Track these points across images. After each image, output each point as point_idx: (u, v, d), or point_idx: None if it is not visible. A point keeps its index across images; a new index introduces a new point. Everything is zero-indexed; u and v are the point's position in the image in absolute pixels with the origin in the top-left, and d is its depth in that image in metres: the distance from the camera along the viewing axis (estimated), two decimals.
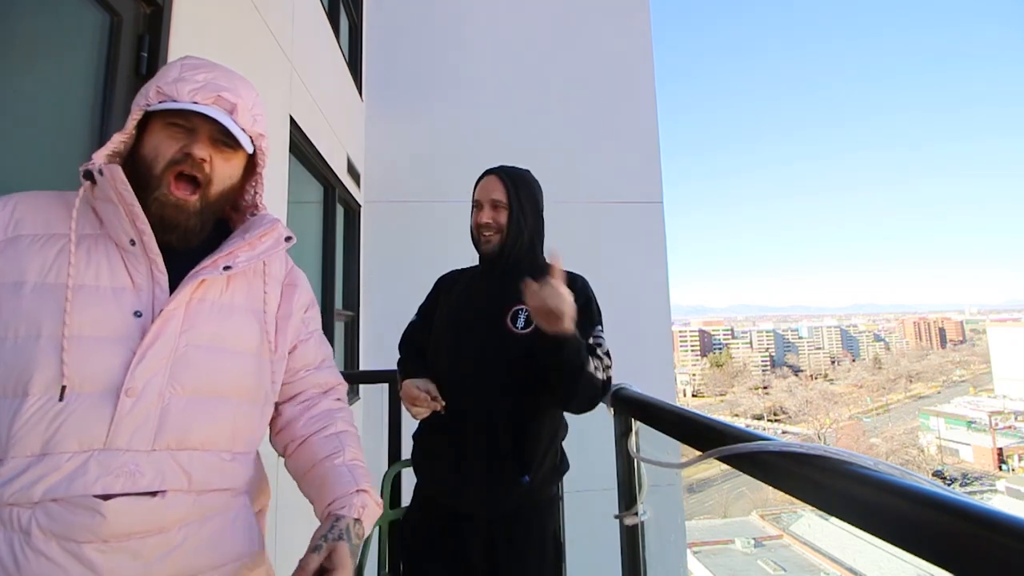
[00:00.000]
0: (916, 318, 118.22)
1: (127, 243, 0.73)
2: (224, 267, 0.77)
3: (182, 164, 0.75)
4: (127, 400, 0.68)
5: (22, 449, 0.65)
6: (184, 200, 0.75)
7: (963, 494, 0.44)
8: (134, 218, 0.72)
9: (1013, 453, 47.91)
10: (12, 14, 1.11)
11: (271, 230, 0.84)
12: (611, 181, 4.71)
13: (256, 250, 0.82)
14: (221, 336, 0.78)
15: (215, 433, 0.76)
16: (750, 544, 30.32)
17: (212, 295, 0.78)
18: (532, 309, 1.09)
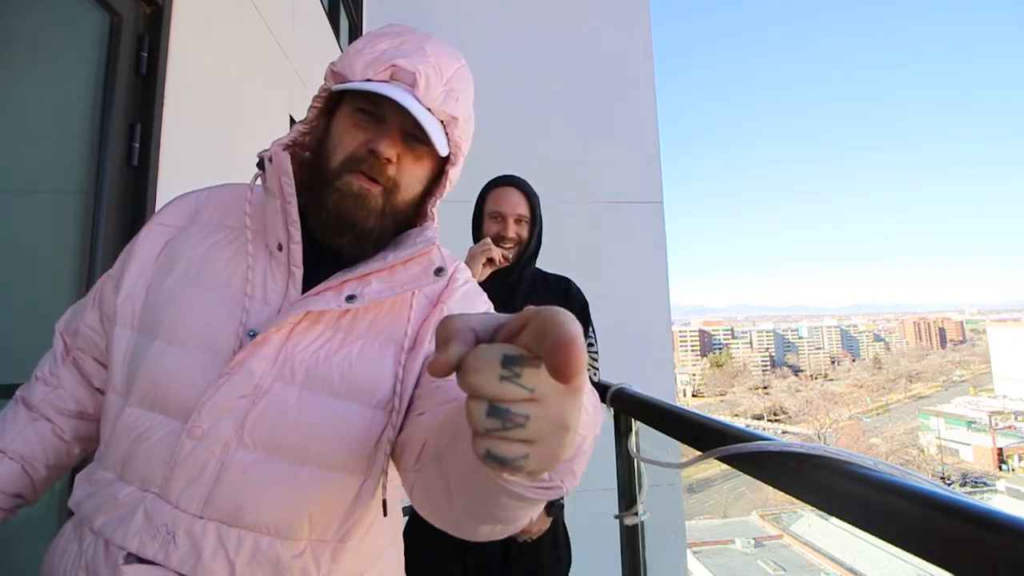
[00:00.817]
0: (916, 318, 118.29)
1: (275, 247, 0.61)
2: (348, 297, 0.59)
3: (363, 163, 0.59)
4: (188, 442, 0.55)
5: (111, 460, 0.58)
6: (368, 190, 0.60)
7: (963, 494, 0.44)
8: (287, 217, 0.60)
9: (1013, 453, 47.93)
10: (12, 14, 1.11)
11: (421, 254, 0.62)
12: (611, 181, 4.71)
13: (395, 279, 0.61)
14: (325, 376, 0.58)
15: (282, 512, 0.56)
16: (750, 544, 30.33)
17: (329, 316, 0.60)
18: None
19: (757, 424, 59.21)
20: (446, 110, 0.61)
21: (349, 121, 0.61)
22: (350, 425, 0.58)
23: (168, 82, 1.43)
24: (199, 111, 1.63)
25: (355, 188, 0.59)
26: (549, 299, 1.44)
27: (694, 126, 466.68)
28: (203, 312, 0.59)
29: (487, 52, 4.71)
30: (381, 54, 0.59)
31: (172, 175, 1.44)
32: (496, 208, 1.40)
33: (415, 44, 0.61)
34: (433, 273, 0.62)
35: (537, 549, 1.34)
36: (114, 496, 0.56)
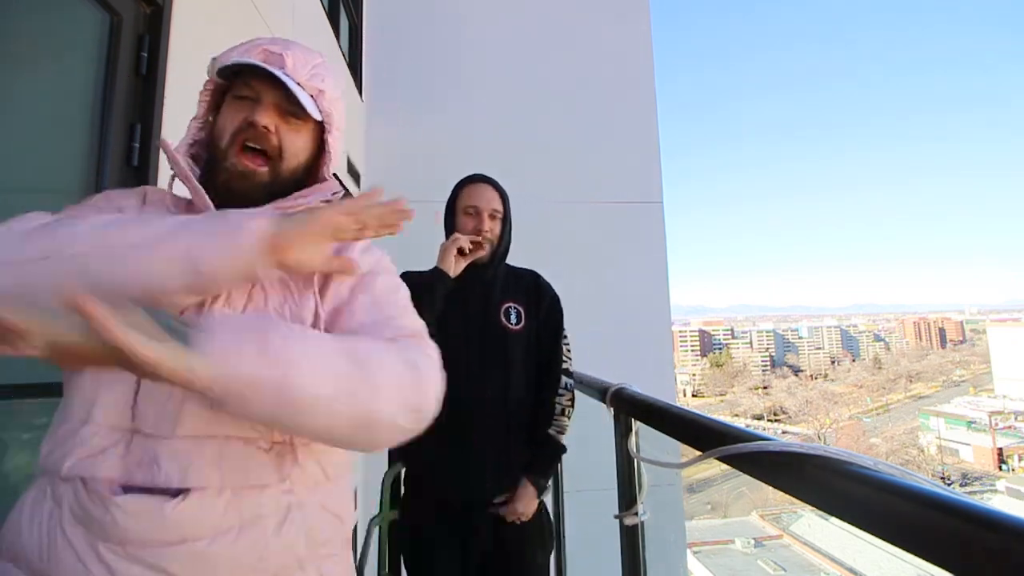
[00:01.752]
0: (916, 318, 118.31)
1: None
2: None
3: (245, 133, 0.69)
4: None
5: (76, 411, 0.60)
6: (252, 170, 0.69)
7: (963, 494, 0.44)
8: (193, 189, 0.68)
9: (1013, 453, 47.94)
10: (12, 14, 1.11)
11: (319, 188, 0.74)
12: (611, 181, 4.71)
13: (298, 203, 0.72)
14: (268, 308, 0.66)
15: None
16: (750, 544, 30.34)
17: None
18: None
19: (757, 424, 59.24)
20: (314, 84, 0.72)
21: (231, 107, 0.71)
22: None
23: (168, 82, 1.43)
24: None
25: (240, 167, 0.69)
26: (521, 291, 1.47)
27: (695, 126, 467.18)
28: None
29: (487, 52, 4.71)
30: (253, 44, 0.71)
31: (172, 175, 1.44)
32: (470, 203, 1.42)
33: (284, 42, 0.73)
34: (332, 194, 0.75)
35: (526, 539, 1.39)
36: (83, 440, 0.58)
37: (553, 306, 1.49)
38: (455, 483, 1.34)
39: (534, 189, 4.41)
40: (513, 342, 1.39)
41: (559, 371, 1.43)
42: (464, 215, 1.43)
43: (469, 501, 1.35)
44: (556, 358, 1.44)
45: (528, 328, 1.42)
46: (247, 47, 0.71)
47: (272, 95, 0.70)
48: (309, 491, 0.66)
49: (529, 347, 1.42)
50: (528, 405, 1.41)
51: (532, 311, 1.44)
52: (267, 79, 0.69)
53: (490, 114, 4.63)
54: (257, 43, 0.71)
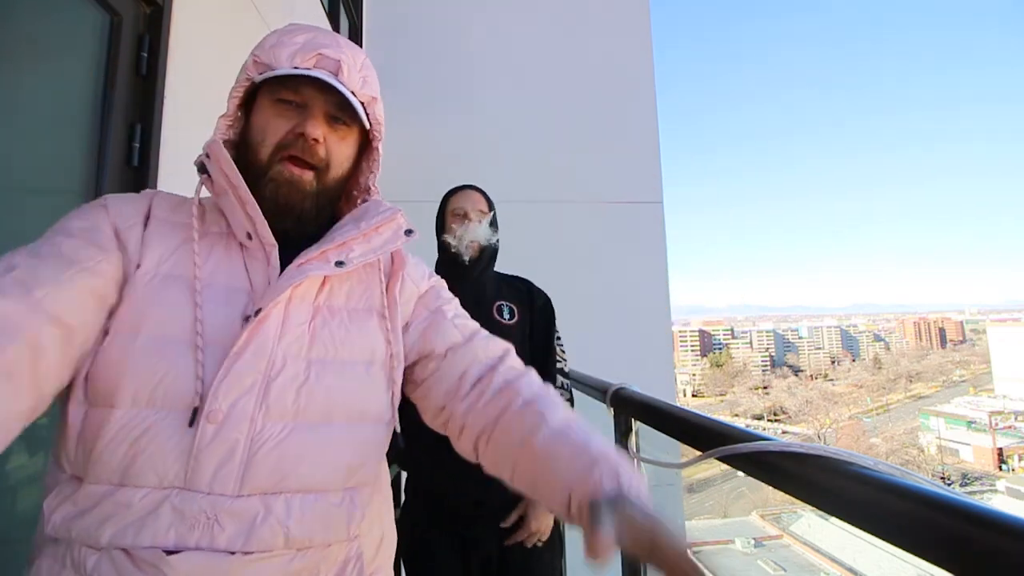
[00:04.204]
0: (916, 318, 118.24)
1: (245, 236, 0.63)
2: (336, 262, 0.64)
3: (293, 147, 0.64)
4: (208, 427, 0.54)
5: (105, 469, 0.53)
6: (299, 177, 0.64)
7: (963, 494, 0.44)
8: (244, 202, 0.62)
9: (1013, 453, 47.93)
10: (12, 14, 1.11)
11: (389, 220, 0.70)
12: (611, 181, 4.71)
13: (372, 243, 0.68)
14: (331, 344, 0.63)
15: (323, 469, 0.59)
16: (750, 544, 30.33)
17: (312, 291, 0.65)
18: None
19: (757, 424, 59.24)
20: (367, 92, 0.68)
21: (271, 111, 0.65)
22: (360, 382, 0.64)
23: (168, 82, 1.43)
24: (199, 111, 1.63)
25: (287, 176, 0.64)
26: (515, 298, 1.48)
27: (696, 129, 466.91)
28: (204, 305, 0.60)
29: (487, 52, 4.71)
30: (304, 44, 0.64)
31: (172, 175, 1.44)
32: (458, 205, 1.46)
33: (330, 37, 0.67)
34: (404, 234, 0.71)
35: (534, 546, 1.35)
36: (124, 503, 0.52)
37: (546, 306, 1.50)
38: (455, 489, 1.32)
39: (534, 189, 4.41)
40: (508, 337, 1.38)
41: (554, 370, 1.43)
42: (452, 217, 1.47)
43: (470, 507, 1.33)
44: (550, 357, 1.44)
45: (522, 323, 1.43)
46: (297, 47, 0.64)
47: (322, 102, 0.65)
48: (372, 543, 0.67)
49: (524, 341, 1.42)
50: None
51: (525, 309, 1.46)
52: (317, 84, 0.63)
53: (490, 113, 4.63)
54: (309, 44, 0.64)
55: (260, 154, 0.64)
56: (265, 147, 0.64)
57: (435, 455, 1.35)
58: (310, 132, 0.63)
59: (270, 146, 0.64)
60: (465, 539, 1.33)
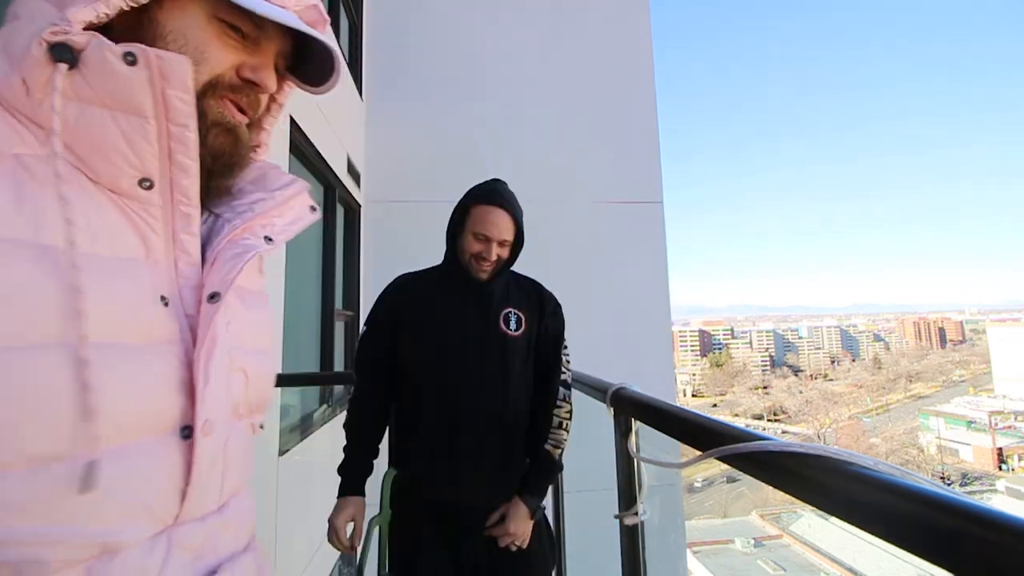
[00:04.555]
0: (916, 318, 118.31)
1: (133, 184, 0.44)
2: (266, 238, 0.53)
3: (235, 91, 0.49)
4: (204, 442, 0.45)
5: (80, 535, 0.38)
6: (238, 124, 0.51)
7: (963, 494, 0.44)
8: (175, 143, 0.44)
9: (1013, 453, 47.95)
10: None
11: (298, 193, 0.58)
12: (611, 181, 4.71)
13: (287, 218, 0.57)
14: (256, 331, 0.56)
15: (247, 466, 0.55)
16: (750, 544, 30.35)
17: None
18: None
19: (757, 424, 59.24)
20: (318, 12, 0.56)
21: (210, 30, 0.47)
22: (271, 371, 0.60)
23: None
24: None
25: (233, 119, 0.50)
26: (523, 298, 1.43)
27: (696, 130, 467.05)
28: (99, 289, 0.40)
29: (487, 51, 4.71)
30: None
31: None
32: (482, 229, 1.34)
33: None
34: (310, 211, 0.59)
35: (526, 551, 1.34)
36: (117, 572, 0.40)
37: (555, 316, 1.45)
38: (451, 492, 1.32)
39: (534, 189, 4.41)
40: (512, 348, 1.36)
41: (558, 382, 1.41)
42: (473, 238, 1.36)
43: (465, 511, 1.33)
44: (556, 369, 1.42)
45: (528, 334, 1.40)
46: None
47: (279, 46, 0.52)
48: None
49: (528, 353, 1.39)
50: (527, 414, 1.39)
51: (533, 318, 1.42)
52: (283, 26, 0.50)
53: (490, 113, 4.63)
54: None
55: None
56: (196, 72, 0.45)
57: (427, 463, 1.35)
58: (267, 86, 0.50)
59: (204, 74, 0.47)
60: (456, 545, 1.33)
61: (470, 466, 1.31)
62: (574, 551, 1.89)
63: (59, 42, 0.39)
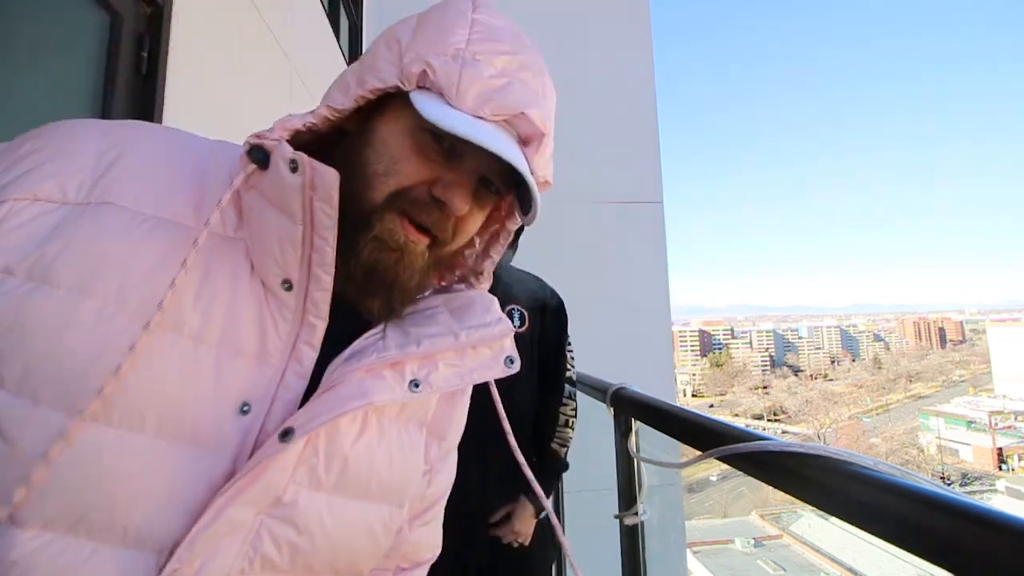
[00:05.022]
0: (916, 318, 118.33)
1: (277, 283, 0.43)
2: (411, 382, 0.45)
3: (416, 208, 0.44)
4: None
5: None
6: (415, 245, 0.45)
7: (963, 494, 0.44)
8: (314, 254, 0.42)
9: (1013, 453, 47.96)
10: (12, 14, 1.11)
11: (495, 340, 0.51)
12: (611, 181, 4.71)
13: (464, 365, 0.49)
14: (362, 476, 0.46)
15: None
16: (750, 544, 30.35)
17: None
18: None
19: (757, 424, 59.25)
20: (547, 175, 0.49)
21: (410, 140, 0.44)
22: (376, 527, 0.48)
23: (168, 82, 1.43)
24: (199, 111, 1.63)
25: (401, 240, 0.44)
26: (527, 301, 1.43)
27: (696, 129, 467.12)
28: (170, 376, 0.39)
29: None
30: (504, 87, 0.43)
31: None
32: None
33: (538, 76, 0.47)
34: (503, 363, 0.52)
35: (527, 551, 1.35)
36: None
37: (558, 313, 1.45)
38: (455, 493, 1.34)
39: None
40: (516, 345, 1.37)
41: (563, 379, 1.42)
42: None
43: (469, 511, 1.33)
44: (560, 366, 1.42)
45: (532, 331, 1.40)
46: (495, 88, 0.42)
47: (485, 162, 0.44)
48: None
49: (533, 351, 1.39)
50: (531, 413, 1.39)
51: (536, 316, 1.42)
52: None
53: None
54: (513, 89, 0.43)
55: (372, 187, 0.44)
56: (383, 182, 0.43)
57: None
58: (454, 207, 0.43)
59: (390, 186, 0.43)
60: (460, 545, 1.33)
61: (476, 467, 1.31)
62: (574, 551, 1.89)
63: (256, 145, 0.43)
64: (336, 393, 0.42)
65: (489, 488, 1.33)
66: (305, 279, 0.43)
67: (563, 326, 1.46)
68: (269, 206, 0.43)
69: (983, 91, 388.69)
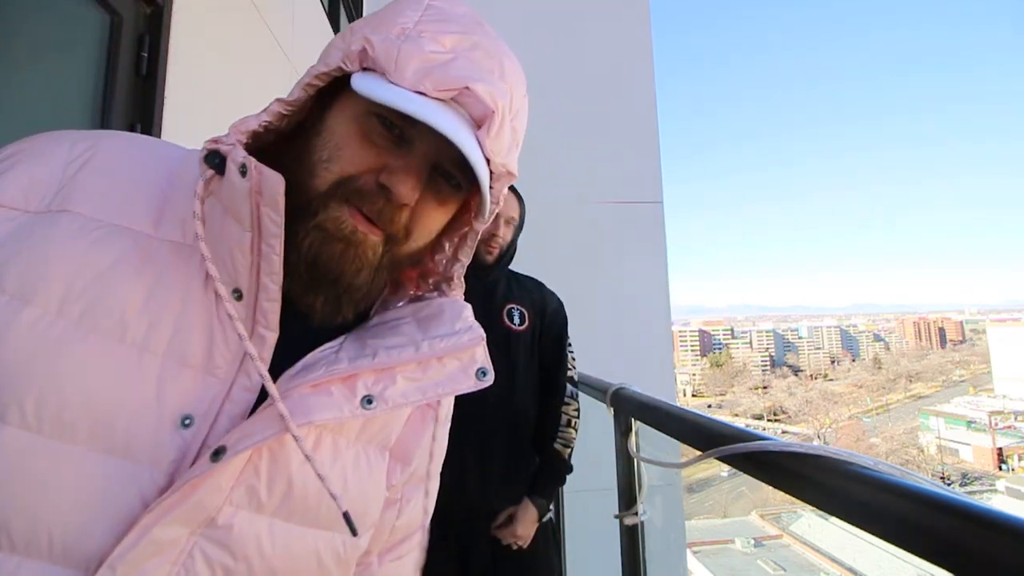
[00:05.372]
0: (916, 318, 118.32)
1: (228, 291, 0.41)
2: (364, 398, 0.42)
3: (362, 197, 0.41)
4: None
5: None
6: (363, 237, 0.42)
7: (963, 494, 0.44)
8: (262, 262, 0.40)
9: (1013, 453, 47.96)
10: (12, 14, 1.11)
11: (462, 350, 0.46)
12: (611, 181, 4.71)
13: (427, 377, 0.45)
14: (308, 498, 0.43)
15: None
16: (750, 544, 30.35)
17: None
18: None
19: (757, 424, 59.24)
20: (507, 164, 0.43)
21: (356, 126, 0.41)
22: (325, 557, 0.45)
23: (168, 82, 1.43)
24: (199, 111, 1.63)
25: (347, 230, 0.41)
26: (525, 296, 1.43)
27: (695, 128, 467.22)
28: (106, 385, 0.37)
29: None
30: (449, 62, 0.40)
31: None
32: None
33: (492, 56, 0.43)
34: (475, 376, 0.46)
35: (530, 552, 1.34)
36: None
37: (557, 313, 1.46)
38: (456, 494, 1.33)
39: (533, 189, 4.40)
40: (516, 343, 1.36)
41: (564, 379, 1.41)
42: None
43: (472, 513, 1.32)
44: (561, 366, 1.42)
45: (532, 329, 1.39)
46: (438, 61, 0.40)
47: (434, 149, 0.42)
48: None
49: (533, 348, 1.39)
50: (533, 413, 1.39)
51: (536, 316, 1.42)
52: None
53: None
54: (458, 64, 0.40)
55: (315, 175, 0.41)
56: (326, 170, 0.41)
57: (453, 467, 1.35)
58: (401, 195, 0.40)
59: (334, 172, 0.41)
60: (461, 546, 1.32)
61: (477, 467, 1.31)
62: (574, 551, 1.89)
63: (213, 150, 0.41)
64: (275, 410, 0.39)
65: (489, 488, 1.32)
66: (255, 287, 0.41)
67: (562, 328, 1.46)
68: (225, 213, 0.41)
69: (983, 91, 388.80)
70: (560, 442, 1.38)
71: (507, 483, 1.34)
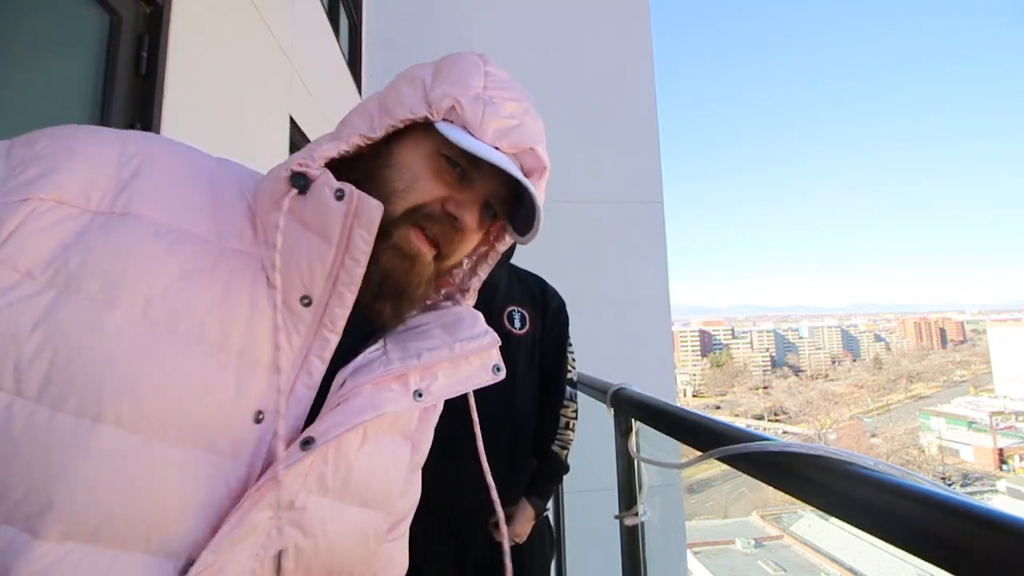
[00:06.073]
0: (916, 318, 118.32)
1: (296, 298, 0.46)
2: (415, 392, 0.50)
3: (430, 221, 0.49)
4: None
5: None
6: (425, 254, 0.49)
7: (963, 494, 0.44)
8: (342, 274, 0.46)
9: (1013, 453, 47.93)
10: (12, 14, 1.11)
11: (485, 350, 0.54)
12: (611, 181, 4.71)
13: (458, 374, 0.53)
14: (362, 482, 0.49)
15: None
16: (750, 544, 30.35)
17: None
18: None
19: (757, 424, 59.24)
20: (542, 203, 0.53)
21: (428, 164, 0.49)
22: (369, 533, 0.51)
23: (168, 82, 1.43)
24: (199, 111, 1.63)
25: (415, 247, 0.48)
26: (526, 296, 1.41)
27: (695, 128, 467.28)
28: (193, 384, 0.40)
29: (487, 52, 4.69)
30: (517, 127, 0.50)
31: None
32: None
33: (537, 119, 0.53)
34: (491, 371, 0.55)
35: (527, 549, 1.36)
36: None
37: (558, 314, 1.43)
38: (451, 494, 1.32)
39: None
40: (517, 347, 1.35)
41: (564, 381, 1.40)
42: None
43: (470, 513, 1.31)
44: (561, 368, 1.41)
45: (533, 332, 1.38)
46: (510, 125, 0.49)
47: (488, 186, 0.50)
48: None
49: (533, 352, 1.38)
50: (532, 415, 1.38)
51: (537, 316, 1.40)
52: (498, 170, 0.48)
53: None
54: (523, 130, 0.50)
55: (391, 203, 0.47)
56: (402, 198, 0.48)
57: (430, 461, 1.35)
58: (464, 222, 0.49)
59: (408, 201, 0.48)
60: (459, 543, 1.32)
61: (472, 470, 1.30)
62: (574, 551, 1.89)
63: (299, 172, 0.46)
64: (350, 405, 0.45)
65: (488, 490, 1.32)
66: (327, 295, 0.46)
67: (564, 327, 1.44)
68: (305, 229, 0.46)
69: (983, 91, 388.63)
70: (558, 444, 1.38)
71: (506, 486, 1.34)
